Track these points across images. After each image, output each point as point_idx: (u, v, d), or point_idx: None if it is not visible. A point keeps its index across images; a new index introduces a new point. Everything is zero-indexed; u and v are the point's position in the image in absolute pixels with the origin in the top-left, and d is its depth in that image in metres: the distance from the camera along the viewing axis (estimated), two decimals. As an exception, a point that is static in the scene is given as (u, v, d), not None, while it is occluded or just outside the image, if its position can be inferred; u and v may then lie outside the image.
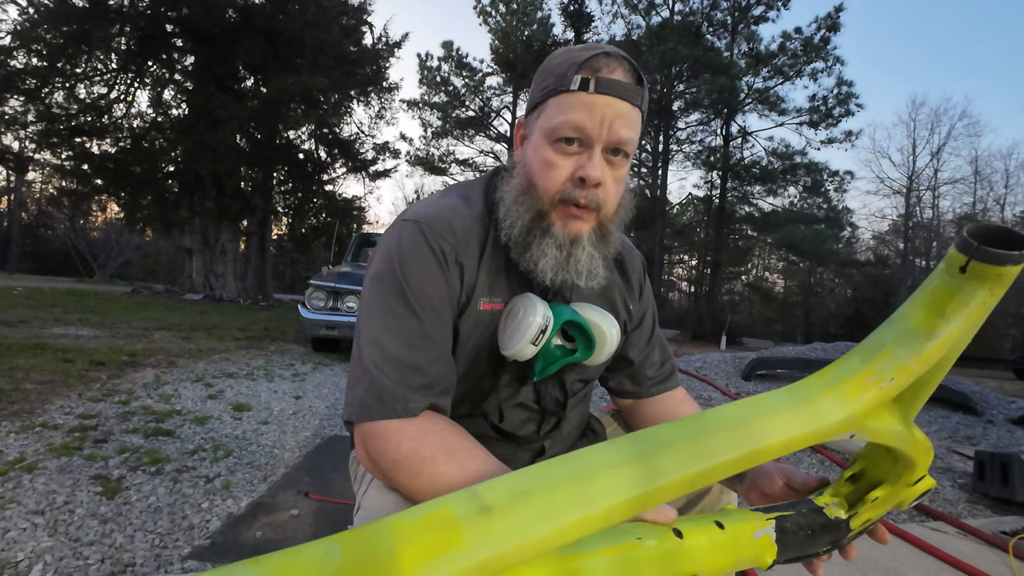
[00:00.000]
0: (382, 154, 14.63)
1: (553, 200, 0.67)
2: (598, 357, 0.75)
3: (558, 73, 0.66)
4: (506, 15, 19.07)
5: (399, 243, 0.69)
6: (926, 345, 0.46)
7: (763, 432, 0.44)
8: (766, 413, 0.46)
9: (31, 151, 11.78)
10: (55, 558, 1.38)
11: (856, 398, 0.47)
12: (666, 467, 0.40)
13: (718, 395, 4.26)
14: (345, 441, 2.56)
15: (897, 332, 0.48)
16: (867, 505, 0.58)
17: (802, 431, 0.45)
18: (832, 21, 15.20)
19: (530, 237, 0.68)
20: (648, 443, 0.42)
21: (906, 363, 0.47)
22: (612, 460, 0.39)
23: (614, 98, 0.64)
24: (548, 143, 0.66)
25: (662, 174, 18.40)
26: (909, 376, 0.47)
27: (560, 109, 0.65)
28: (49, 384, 3.02)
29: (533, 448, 0.83)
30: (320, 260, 19.07)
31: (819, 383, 0.49)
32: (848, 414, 0.46)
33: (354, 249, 6.81)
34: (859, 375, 0.48)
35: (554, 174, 0.66)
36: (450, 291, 0.69)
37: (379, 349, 0.65)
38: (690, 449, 0.42)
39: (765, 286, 26.21)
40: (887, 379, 0.47)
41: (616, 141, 0.65)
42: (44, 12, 10.26)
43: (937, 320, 0.46)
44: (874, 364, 0.48)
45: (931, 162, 26.08)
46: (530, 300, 0.70)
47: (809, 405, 0.46)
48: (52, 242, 27.24)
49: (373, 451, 0.64)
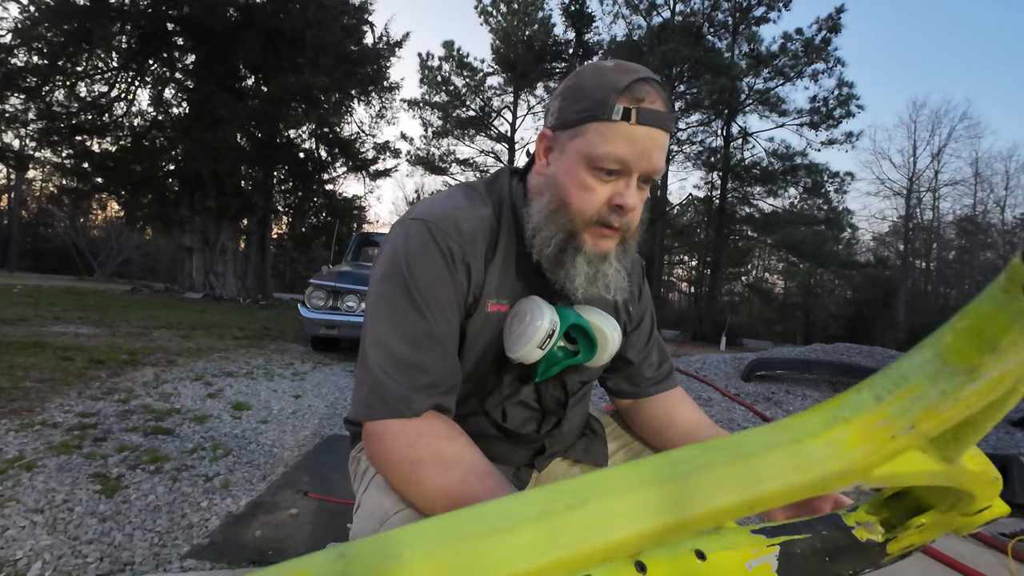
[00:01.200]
0: (382, 153, 14.64)
1: (588, 222, 0.68)
2: (599, 359, 0.76)
3: (596, 99, 0.65)
4: (507, 15, 19.06)
5: (406, 242, 0.69)
6: (966, 387, 0.34)
7: (754, 477, 0.35)
8: (754, 452, 0.36)
9: (31, 149, 11.77)
10: (54, 556, 1.39)
11: (858, 447, 0.36)
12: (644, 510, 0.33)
13: (718, 396, 4.26)
14: (344, 440, 2.56)
15: (928, 365, 0.36)
16: (910, 531, 0.49)
17: (792, 481, 0.35)
18: (833, 22, 15.20)
19: (564, 256, 0.70)
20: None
21: (936, 408, 0.35)
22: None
23: (654, 129, 0.65)
24: (588, 168, 0.67)
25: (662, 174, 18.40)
26: (938, 425, 0.36)
27: (603, 139, 0.65)
28: (49, 382, 3.02)
29: (533, 447, 0.83)
30: (320, 259, 19.07)
31: (815, 420, 0.38)
32: (847, 466, 0.36)
33: (354, 248, 6.81)
34: (866, 416, 0.37)
35: (591, 198, 0.67)
36: (457, 291, 0.69)
37: (384, 349, 0.65)
38: (654, 495, 0.34)
39: (765, 287, 26.23)
40: (904, 427, 0.36)
41: (652, 171, 0.67)
42: (45, 10, 10.26)
43: (985, 355, 0.34)
44: (890, 405, 0.37)
45: (931, 164, 26.06)
46: (537, 304, 0.70)
47: (798, 447, 0.36)
48: (52, 240, 27.22)
49: (372, 451, 0.64)
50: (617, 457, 0.92)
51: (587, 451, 0.90)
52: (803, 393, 4.46)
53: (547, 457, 0.85)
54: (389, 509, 0.63)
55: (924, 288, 27.09)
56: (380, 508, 0.64)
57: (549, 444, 0.84)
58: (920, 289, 26.76)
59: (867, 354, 5.54)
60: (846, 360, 5.31)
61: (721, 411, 3.81)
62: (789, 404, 4.13)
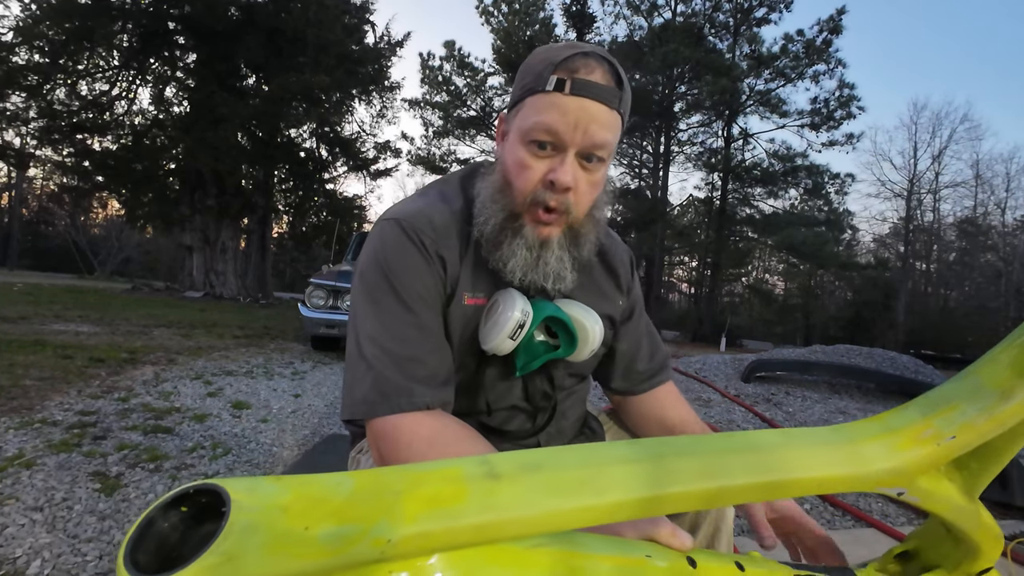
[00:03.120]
0: (383, 153, 14.66)
1: (526, 202, 0.67)
2: (581, 353, 0.75)
3: (536, 72, 0.65)
4: (508, 15, 19.05)
5: (382, 241, 0.69)
6: (1000, 406, 0.41)
7: (795, 463, 0.40)
8: (802, 445, 0.41)
9: (32, 147, 11.79)
10: (53, 554, 1.39)
11: (908, 449, 0.42)
12: (681, 474, 0.38)
13: (717, 396, 4.26)
14: (344, 440, 2.56)
15: (968, 388, 0.43)
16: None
17: (841, 472, 0.41)
18: (834, 23, 15.20)
19: (502, 236, 0.69)
20: (667, 447, 0.40)
21: (973, 422, 0.41)
22: (626, 456, 0.38)
23: (590, 100, 0.63)
24: (523, 144, 0.66)
25: (663, 175, 18.38)
26: (974, 437, 0.42)
27: (535, 110, 0.64)
28: (48, 380, 3.02)
29: (528, 445, 0.83)
30: (320, 259, 19.08)
31: (867, 428, 0.44)
32: (897, 464, 0.41)
33: (354, 248, 6.82)
34: (915, 427, 0.43)
35: (527, 175, 0.66)
36: (436, 282, 0.69)
37: (377, 345, 0.65)
38: (710, 463, 0.39)
39: (765, 288, 26.18)
40: (947, 436, 0.42)
41: (590, 145, 0.64)
42: (47, 8, 10.27)
43: (1017, 380, 0.40)
44: (934, 418, 0.43)
45: (932, 165, 26.07)
46: (510, 295, 0.70)
47: (853, 446, 0.42)
48: (53, 239, 27.24)
49: (384, 450, 0.63)
50: None
51: None
52: (803, 394, 4.46)
53: None
54: None
55: (924, 290, 27.09)
56: None
57: (544, 441, 0.83)
58: (920, 291, 26.75)
59: (867, 355, 5.53)
60: (846, 362, 5.31)
61: (721, 412, 3.81)
62: (789, 405, 4.13)
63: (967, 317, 22.36)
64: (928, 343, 17.42)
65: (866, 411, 4.01)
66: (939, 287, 27.04)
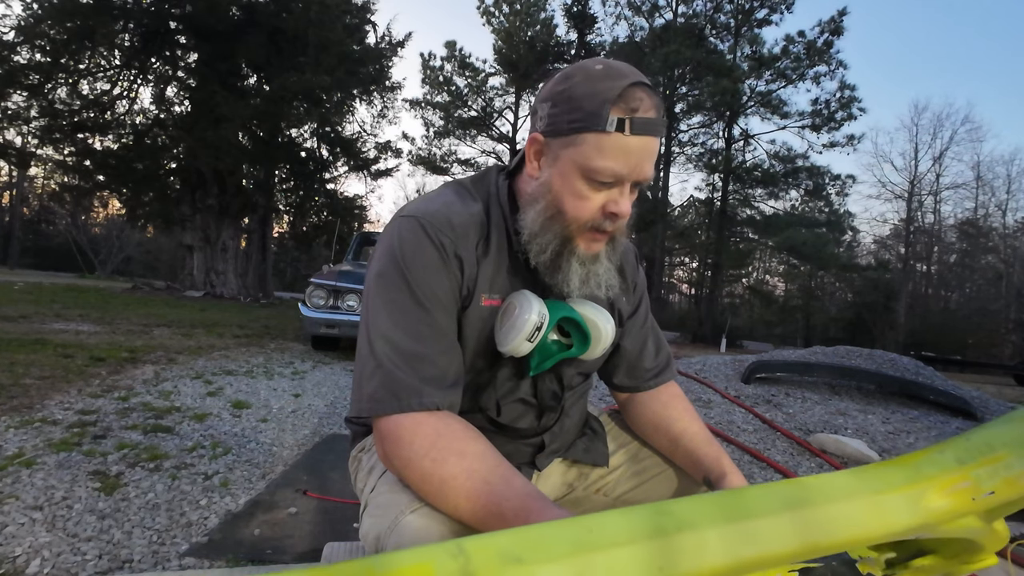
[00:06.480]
0: (384, 153, 14.65)
1: (582, 228, 0.70)
2: (594, 352, 0.77)
3: (589, 109, 0.65)
4: (509, 16, 19.08)
5: (400, 239, 0.70)
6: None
7: (814, 521, 0.35)
8: (819, 501, 0.36)
9: (33, 146, 11.79)
10: (53, 553, 1.39)
11: (936, 503, 0.36)
12: (687, 551, 0.33)
13: (718, 398, 4.26)
14: (344, 440, 2.56)
15: (1016, 436, 0.37)
16: (909, 571, 0.51)
17: (859, 532, 0.35)
18: (835, 25, 15.20)
19: (560, 260, 0.71)
20: (670, 518, 0.34)
21: (1019, 478, 0.36)
22: (624, 535, 0.33)
23: (648, 138, 0.65)
24: (582, 178, 0.67)
25: (664, 176, 18.40)
26: (1015, 494, 0.37)
27: (598, 151, 0.65)
28: (49, 379, 3.02)
29: (533, 443, 0.83)
30: (321, 258, 19.09)
31: (896, 473, 0.38)
32: (923, 521, 0.36)
33: (355, 248, 6.82)
34: (949, 476, 0.37)
35: (586, 206, 0.69)
36: (452, 283, 0.70)
37: (390, 344, 0.65)
38: (723, 533, 0.34)
39: (766, 289, 26.17)
40: (985, 491, 0.36)
41: (644, 179, 0.68)
42: (48, 8, 10.27)
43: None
44: (973, 469, 0.37)
45: (933, 167, 26.04)
46: (526, 297, 0.71)
47: (877, 497, 0.36)
48: (53, 238, 27.26)
49: (388, 448, 0.64)
50: (617, 457, 0.92)
51: (587, 451, 0.90)
52: (803, 396, 4.45)
53: (547, 455, 0.84)
54: (405, 506, 0.63)
55: (925, 291, 27.06)
56: (395, 505, 0.64)
57: (548, 440, 0.84)
58: (921, 292, 26.73)
59: (867, 357, 5.52)
60: (846, 363, 5.30)
61: (721, 413, 3.81)
62: (789, 407, 4.12)
63: (968, 319, 22.34)
64: (929, 345, 17.38)
65: (866, 412, 4.01)
66: (940, 289, 27.03)
